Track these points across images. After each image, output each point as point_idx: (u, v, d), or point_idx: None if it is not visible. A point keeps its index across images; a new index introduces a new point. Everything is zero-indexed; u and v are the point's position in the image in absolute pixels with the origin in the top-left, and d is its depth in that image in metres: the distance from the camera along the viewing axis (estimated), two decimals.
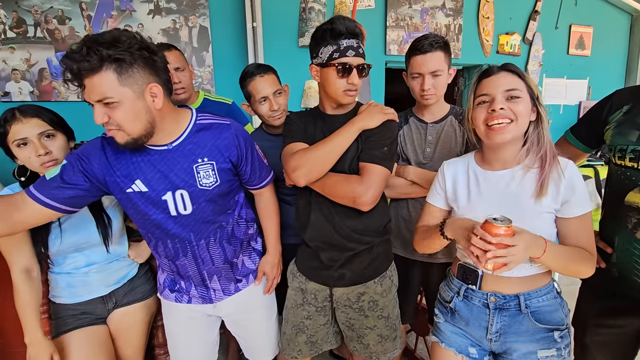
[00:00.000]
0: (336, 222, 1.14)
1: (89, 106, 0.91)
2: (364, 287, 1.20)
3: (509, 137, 0.94)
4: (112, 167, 1.00)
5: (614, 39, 3.54)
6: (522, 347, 0.98)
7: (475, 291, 1.02)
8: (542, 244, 0.88)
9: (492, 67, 0.98)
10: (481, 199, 1.01)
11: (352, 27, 1.07)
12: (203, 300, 1.21)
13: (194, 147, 1.05)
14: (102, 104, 0.88)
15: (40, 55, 2.36)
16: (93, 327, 1.27)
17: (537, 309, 0.97)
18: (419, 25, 2.95)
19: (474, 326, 1.03)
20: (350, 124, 1.11)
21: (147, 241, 1.16)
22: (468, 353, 1.05)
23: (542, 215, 0.94)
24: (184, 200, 1.05)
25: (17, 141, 1.10)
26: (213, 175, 1.07)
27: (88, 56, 0.82)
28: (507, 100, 0.93)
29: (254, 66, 1.46)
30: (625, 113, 1.07)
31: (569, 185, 0.92)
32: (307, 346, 1.26)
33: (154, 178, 1.02)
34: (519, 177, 0.97)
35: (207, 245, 1.13)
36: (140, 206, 1.04)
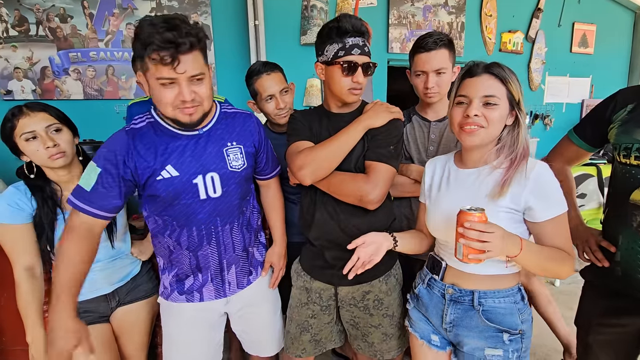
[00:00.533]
0: (341, 221, 1.14)
1: (91, 105, 0.93)
2: (369, 286, 1.20)
3: (478, 141, 0.95)
4: (143, 157, 1.02)
5: (617, 37, 3.53)
6: (472, 341, 1.00)
7: (437, 281, 1.06)
8: (518, 242, 0.87)
9: (476, 66, 0.96)
10: (446, 195, 1.04)
11: (359, 25, 1.07)
12: (217, 294, 1.21)
13: (223, 132, 1.12)
14: (190, 81, 0.94)
15: (43, 53, 2.36)
16: (96, 325, 1.27)
17: (491, 308, 0.98)
18: (421, 23, 2.94)
19: (433, 314, 1.07)
20: (356, 123, 1.10)
21: (169, 234, 1.11)
22: (430, 339, 1.10)
23: (499, 215, 0.92)
24: (214, 183, 1.09)
25: (25, 134, 1.11)
26: (241, 158, 1.13)
27: (193, 32, 0.91)
28: (483, 105, 0.93)
29: (261, 64, 1.45)
30: (630, 112, 1.07)
31: (533, 189, 0.91)
32: (311, 345, 1.26)
33: (185, 162, 1.05)
34: (484, 176, 0.97)
35: (230, 231, 1.16)
36: (171, 192, 1.05)
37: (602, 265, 1.15)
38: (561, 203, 0.92)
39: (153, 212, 1.11)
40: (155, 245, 1.20)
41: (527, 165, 0.93)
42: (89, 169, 1.02)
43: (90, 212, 1.00)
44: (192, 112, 0.99)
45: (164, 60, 0.89)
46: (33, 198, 1.17)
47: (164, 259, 1.19)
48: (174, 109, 0.97)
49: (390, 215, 1.22)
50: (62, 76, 2.41)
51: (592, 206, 2.94)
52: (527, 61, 3.28)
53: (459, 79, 0.99)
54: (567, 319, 2.41)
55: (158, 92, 0.95)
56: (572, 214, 1.32)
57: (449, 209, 0.98)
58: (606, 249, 1.14)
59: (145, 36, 0.88)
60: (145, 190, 1.06)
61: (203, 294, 1.19)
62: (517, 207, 0.93)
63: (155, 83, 0.94)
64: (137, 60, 0.96)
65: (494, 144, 0.98)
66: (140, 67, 0.96)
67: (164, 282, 1.21)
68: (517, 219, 0.94)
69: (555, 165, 1.34)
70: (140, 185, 1.05)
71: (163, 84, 0.93)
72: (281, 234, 1.38)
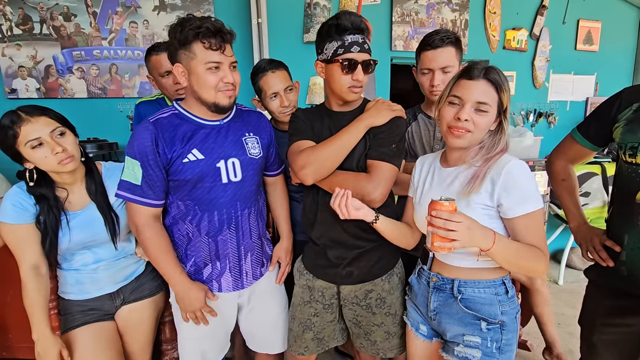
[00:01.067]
0: (344, 220, 1.13)
1: (95, 103, 0.95)
2: (371, 285, 1.20)
3: (464, 144, 0.97)
4: (169, 142, 1.11)
5: (622, 34, 3.48)
6: (453, 328, 1.03)
7: (425, 270, 1.11)
8: (491, 235, 0.88)
9: (476, 69, 0.95)
10: (428, 193, 1.06)
11: (358, 22, 1.06)
12: (235, 285, 1.25)
13: (241, 124, 1.23)
14: (230, 66, 1.10)
15: (47, 52, 2.37)
16: (101, 323, 1.28)
17: (470, 297, 1.00)
18: (424, 20, 2.92)
19: (420, 302, 1.12)
20: (357, 121, 1.10)
21: (190, 219, 1.18)
22: (418, 328, 1.14)
23: (476, 213, 0.93)
24: (234, 167, 1.18)
25: (30, 142, 1.08)
26: (258, 147, 1.24)
27: (228, 28, 1.08)
28: (474, 110, 0.94)
29: (266, 61, 1.46)
30: (636, 111, 1.06)
31: (503, 184, 0.92)
32: (314, 343, 1.27)
33: (209, 147, 1.15)
34: (461, 174, 1.00)
35: (248, 216, 1.24)
36: (197, 174, 1.12)
37: (606, 264, 1.15)
38: (533, 200, 0.92)
39: (177, 197, 1.17)
40: (172, 236, 1.21)
41: (501, 161, 0.94)
42: (128, 163, 1.11)
43: (150, 204, 1.13)
44: (231, 95, 1.12)
45: (214, 45, 1.04)
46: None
47: (181, 250, 1.21)
48: (216, 92, 1.09)
49: (393, 214, 1.21)
50: (66, 75, 2.41)
51: (597, 205, 2.92)
52: (531, 59, 3.25)
53: (456, 77, 0.99)
54: (569, 317, 2.43)
55: (204, 77, 1.07)
56: (575, 213, 1.32)
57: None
58: (610, 248, 1.13)
59: (197, 25, 1.02)
60: (172, 174, 1.13)
61: (221, 284, 1.23)
62: (491, 203, 0.94)
63: (202, 68, 1.06)
64: (178, 50, 1.07)
65: (476, 146, 1.00)
66: (181, 58, 1.07)
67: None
68: (493, 215, 0.96)
69: (558, 163, 1.34)
70: (168, 170, 1.13)
71: (210, 67, 1.06)
72: (288, 230, 1.43)
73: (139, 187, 1.10)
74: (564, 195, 1.33)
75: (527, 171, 0.94)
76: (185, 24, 1.03)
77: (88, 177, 1.25)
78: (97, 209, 1.23)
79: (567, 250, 2.91)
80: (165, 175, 1.13)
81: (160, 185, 1.12)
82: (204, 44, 1.03)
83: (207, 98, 1.10)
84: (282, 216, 1.42)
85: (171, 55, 1.10)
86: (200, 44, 1.04)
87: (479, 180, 0.94)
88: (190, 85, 1.11)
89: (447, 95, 0.99)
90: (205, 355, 1.27)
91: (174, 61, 1.10)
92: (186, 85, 1.12)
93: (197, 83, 1.09)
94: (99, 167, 1.31)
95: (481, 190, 0.94)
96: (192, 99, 1.14)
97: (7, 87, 2.36)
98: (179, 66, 1.09)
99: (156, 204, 1.13)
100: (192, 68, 1.07)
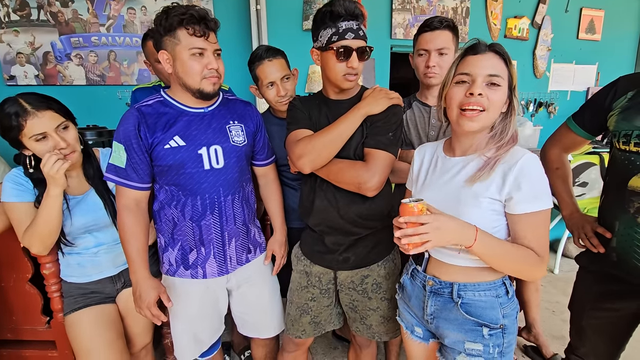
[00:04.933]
0: (340, 208, 1.15)
1: (94, 90, 0.95)
2: (367, 270, 1.22)
3: (478, 126, 0.91)
4: (152, 129, 1.13)
5: (625, 24, 3.44)
6: (452, 334, 0.97)
7: (419, 272, 1.04)
8: (472, 232, 0.84)
9: (480, 43, 0.92)
10: (430, 184, 1.02)
11: (352, 8, 1.04)
12: (219, 270, 1.26)
13: (226, 112, 1.25)
14: (214, 53, 1.12)
15: (45, 38, 2.36)
16: (102, 305, 1.31)
17: (471, 301, 0.95)
18: (425, 8, 2.89)
19: (415, 305, 1.06)
20: (355, 110, 1.10)
21: (175, 204, 1.19)
22: (413, 330, 1.09)
23: (481, 205, 0.89)
24: (217, 154, 1.19)
25: (35, 136, 1.11)
26: (242, 135, 1.25)
27: (212, 17, 1.10)
28: (487, 85, 0.89)
29: (264, 49, 1.43)
30: (630, 99, 1.07)
31: (517, 177, 0.86)
32: (311, 326, 1.30)
33: (191, 134, 1.16)
34: (470, 164, 0.95)
35: (232, 202, 1.24)
36: (178, 160, 1.14)
37: (597, 251, 1.17)
38: (544, 199, 0.86)
39: (164, 182, 1.19)
40: (159, 221, 1.24)
41: (515, 153, 0.90)
42: (115, 147, 1.13)
43: (133, 186, 1.14)
44: (215, 82, 1.14)
45: (198, 32, 1.06)
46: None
47: (167, 235, 1.23)
48: (201, 78, 1.11)
49: (390, 201, 1.23)
50: (64, 61, 2.40)
51: (594, 195, 2.94)
52: (532, 48, 3.22)
53: (460, 56, 0.95)
54: (563, 305, 2.47)
55: (189, 64, 1.09)
56: (568, 201, 1.33)
57: (432, 197, 0.95)
58: (602, 235, 1.15)
59: (181, 12, 1.04)
60: (154, 160, 1.15)
61: (206, 270, 1.24)
62: (499, 196, 0.88)
63: (186, 55, 1.08)
64: (162, 37, 1.08)
65: (487, 132, 0.95)
66: (166, 44, 1.09)
67: (169, 259, 1.25)
68: (499, 210, 0.90)
69: (552, 152, 1.34)
70: (151, 155, 1.14)
71: (194, 53, 1.08)
72: (281, 223, 1.44)
73: (123, 170, 1.12)
74: (558, 183, 1.34)
75: (541, 167, 0.89)
76: (170, 12, 1.05)
77: (86, 163, 1.27)
78: (97, 193, 1.25)
79: (564, 239, 2.93)
80: (149, 160, 1.14)
81: (144, 169, 1.14)
82: (188, 30, 1.06)
83: (191, 84, 1.12)
84: (275, 209, 1.43)
85: (156, 43, 1.11)
86: (185, 30, 1.06)
87: (489, 169, 0.89)
88: (175, 72, 1.12)
89: (454, 75, 0.94)
90: (198, 336, 1.30)
91: (159, 48, 1.11)
92: (171, 72, 1.13)
93: (181, 69, 1.10)
94: (96, 153, 1.33)
95: (490, 182, 0.89)
96: (177, 86, 1.16)
97: (5, 74, 2.36)
98: (164, 53, 1.10)
99: (140, 187, 1.15)
100: (177, 54, 1.08)
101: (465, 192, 0.92)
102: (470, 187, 0.91)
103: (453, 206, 0.91)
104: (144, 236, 1.16)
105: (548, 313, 2.41)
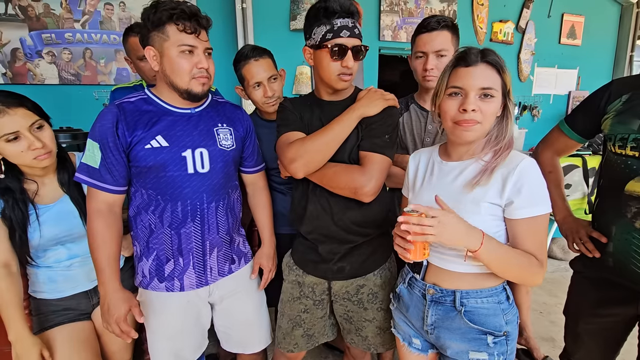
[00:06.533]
0: (335, 214, 1.10)
1: (68, 90, 0.87)
2: (363, 280, 1.17)
3: (474, 136, 0.90)
4: (131, 127, 1.05)
5: (604, 29, 3.56)
6: (455, 344, 0.95)
7: (418, 280, 1.01)
8: (479, 236, 0.83)
9: (471, 53, 0.88)
10: (428, 189, 1.00)
11: (347, 5, 1.01)
12: (198, 282, 1.18)
13: (214, 115, 1.19)
14: (205, 52, 1.06)
15: (13, 34, 2.21)
16: (77, 323, 1.21)
17: (474, 309, 0.93)
18: (413, 10, 2.88)
19: (413, 315, 1.02)
20: (349, 112, 1.06)
21: (152, 209, 1.11)
22: (411, 342, 1.06)
23: (480, 210, 0.88)
24: (202, 158, 1.12)
25: (6, 136, 1.01)
26: (231, 139, 1.19)
27: (204, 15, 1.06)
28: (480, 98, 0.87)
29: (250, 48, 1.38)
30: (625, 102, 1.06)
31: (517, 182, 0.85)
32: (304, 340, 1.24)
33: (176, 135, 1.09)
34: (467, 169, 0.93)
35: (216, 210, 1.17)
36: (159, 162, 1.07)
37: (592, 255, 1.16)
38: (543, 203, 0.86)
39: (140, 185, 1.11)
40: (135, 228, 1.15)
41: (514, 157, 0.89)
42: (89, 145, 1.05)
43: (106, 188, 1.06)
44: (205, 82, 1.08)
45: (188, 29, 1.01)
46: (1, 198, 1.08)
47: (142, 243, 1.15)
48: (190, 78, 1.05)
49: (386, 207, 1.19)
50: (35, 59, 2.26)
51: (577, 196, 3.00)
52: (517, 52, 3.28)
53: (451, 67, 0.92)
54: (550, 306, 2.50)
55: (177, 62, 1.03)
56: (561, 205, 1.32)
57: (430, 201, 0.92)
58: (596, 239, 1.14)
59: (172, 6, 0.99)
60: (132, 160, 1.07)
61: (184, 282, 1.15)
62: (499, 201, 0.87)
63: (174, 51, 1.02)
64: (150, 32, 1.02)
65: (483, 138, 0.93)
66: (153, 40, 1.02)
67: (142, 270, 1.16)
68: (498, 215, 0.89)
69: (545, 155, 1.34)
70: (128, 154, 1.06)
71: (183, 51, 1.02)
72: (269, 235, 1.36)
73: (97, 171, 1.04)
74: (551, 187, 1.32)
75: (540, 172, 0.88)
76: (159, 6, 0.99)
77: (60, 169, 1.18)
78: (71, 200, 1.17)
79: (549, 240, 2.98)
80: (125, 161, 1.06)
81: (120, 170, 1.06)
82: (178, 26, 1.00)
83: (179, 84, 1.05)
84: (264, 220, 1.35)
85: (143, 38, 1.05)
86: (174, 26, 1.00)
87: (488, 174, 0.88)
88: (162, 70, 1.05)
89: (445, 88, 0.92)
90: (179, 353, 1.21)
91: (145, 44, 1.04)
92: (158, 69, 1.06)
93: (169, 67, 1.04)
94: (72, 157, 1.24)
95: (489, 187, 0.88)
96: (163, 85, 1.09)
97: None
98: (151, 49, 1.03)
99: (114, 190, 1.06)
100: (165, 50, 1.02)
101: (464, 197, 0.90)
102: (469, 192, 0.89)
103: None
104: (116, 244, 1.07)
105: (536, 314, 2.43)
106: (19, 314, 1.08)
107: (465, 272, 0.93)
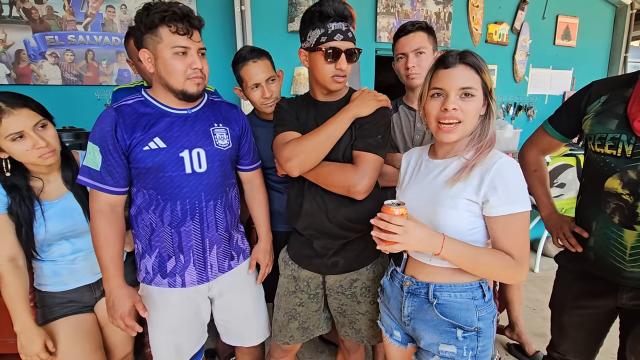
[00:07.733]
0: (329, 211, 1.14)
1: (70, 90, 0.90)
2: (356, 274, 1.21)
3: (456, 137, 0.93)
4: (129, 129, 1.08)
5: (598, 31, 3.59)
6: (427, 336, 0.97)
7: (398, 273, 1.05)
8: (439, 241, 0.86)
9: (450, 56, 0.92)
10: (412, 186, 1.04)
11: (341, 9, 1.04)
12: (199, 278, 1.21)
13: (210, 115, 1.21)
14: (198, 53, 1.08)
15: (17, 36, 2.25)
16: (80, 315, 1.25)
17: (446, 302, 0.95)
18: (409, 12, 2.92)
19: (394, 307, 1.06)
20: (343, 112, 1.09)
21: (153, 209, 1.14)
22: (392, 334, 1.09)
23: (457, 206, 0.90)
24: (199, 158, 1.15)
25: (12, 135, 1.05)
26: (227, 138, 1.21)
27: (196, 15, 1.06)
28: (460, 97, 0.91)
29: (248, 50, 1.41)
30: (604, 103, 1.10)
31: (493, 180, 0.87)
32: (299, 332, 1.28)
33: (173, 136, 1.12)
34: (450, 166, 0.97)
35: (214, 208, 1.20)
36: (157, 163, 1.09)
37: (575, 250, 1.20)
38: (521, 201, 0.87)
39: (141, 186, 1.14)
40: (136, 226, 1.19)
41: (493, 156, 0.91)
42: (90, 149, 1.08)
43: (108, 190, 1.09)
44: (200, 82, 1.10)
45: (181, 30, 1.02)
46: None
47: (144, 241, 1.18)
48: (185, 79, 1.07)
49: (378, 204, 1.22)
50: (38, 60, 2.30)
51: (571, 195, 3.04)
52: (512, 53, 3.32)
53: (432, 70, 0.96)
54: (543, 303, 2.53)
55: (171, 63, 1.05)
56: (546, 202, 1.36)
57: (411, 198, 0.98)
58: (579, 235, 1.18)
59: (163, 9, 1.00)
60: (132, 162, 1.10)
61: (185, 278, 1.19)
62: (476, 198, 0.90)
63: (168, 54, 1.03)
64: (143, 34, 1.04)
65: (467, 136, 0.97)
66: (147, 42, 1.04)
67: (145, 266, 1.20)
68: (476, 212, 0.91)
69: (530, 154, 1.38)
70: (128, 156, 1.09)
71: (177, 52, 1.04)
72: (266, 231, 1.39)
73: (98, 173, 1.07)
74: (536, 185, 1.38)
75: (518, 170, 0.90)
76: (151, 8, 1.01)
77: (65, 166, 1.22)
78: (75, 197, 1.20)
79: (543, 239, 3.02)
80: (125, 163, 1.09)
81: (120, 172, 1.09)
82: (170, 27, 1.02)
83: (174, 85, 1.08)
84: (260, 217, 1.38)
85: (137, 41, 1.07)
86: (167, 28, 1.02)
87: (467, 170, 0.91)
88: (157, 72, 1.08)
89: (428, 90, 0.96)
90: (179, 347, 1.24)
91: (140, 46, 1.07)
92: (153, 71, 1.08)
93: (164, 69, 1.06)
94: (75, 156, 1.28)
95: (467, 184, 0.90)
96: (159, 86, 1.11)
97: None
98: (145, 51, 1.06)
99: (115, 191, 1.10)
100: (159, 52, 1.04)
101: (443, 193, 0.94)
102: (449, 189, 0.93)
103: (430, 206, 0.94)
104: (119, 243, 1.11)
105: (529, 311, 2.47)
106: (25, 306, 1.12)
107: (442, 267, 0.96)
